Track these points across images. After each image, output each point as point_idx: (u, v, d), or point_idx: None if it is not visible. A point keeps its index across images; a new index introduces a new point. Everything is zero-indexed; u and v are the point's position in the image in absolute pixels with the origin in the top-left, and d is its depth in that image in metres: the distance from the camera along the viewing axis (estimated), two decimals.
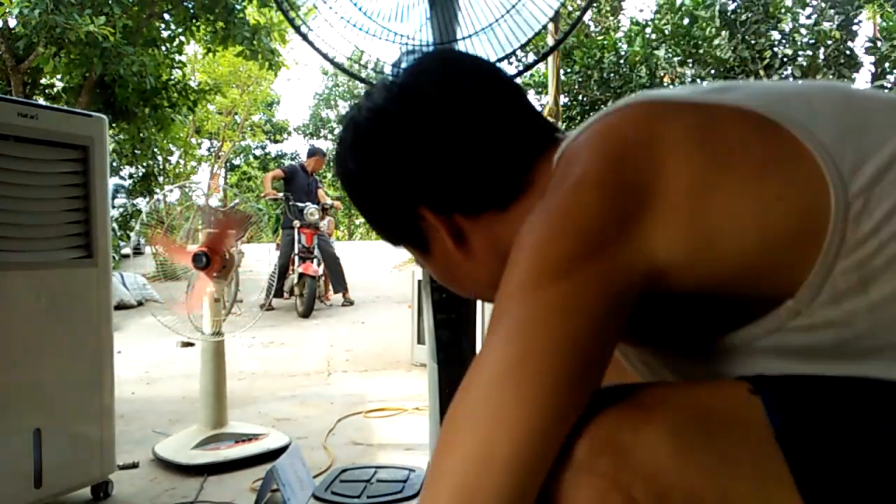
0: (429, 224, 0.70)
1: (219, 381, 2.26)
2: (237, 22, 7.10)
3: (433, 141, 0.68)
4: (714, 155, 0.53)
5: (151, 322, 2.38)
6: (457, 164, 0.67)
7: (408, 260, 10.69)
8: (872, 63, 6.22)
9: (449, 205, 0.69)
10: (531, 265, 0.55)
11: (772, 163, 0.53)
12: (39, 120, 1.66)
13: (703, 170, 0.53)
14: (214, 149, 18.17)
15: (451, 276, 0.75)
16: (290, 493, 1.72)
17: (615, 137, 0.57)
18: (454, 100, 0.68)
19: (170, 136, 8.56)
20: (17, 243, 1.64)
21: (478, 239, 0.70)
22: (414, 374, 3.51)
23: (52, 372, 1.68)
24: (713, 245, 0.53)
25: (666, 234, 0.53)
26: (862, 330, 0.52)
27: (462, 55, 0.75)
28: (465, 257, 0.71)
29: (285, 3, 1.48)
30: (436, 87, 0.69)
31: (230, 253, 2.20)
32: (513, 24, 1.51)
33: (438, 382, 1.41)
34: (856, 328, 0.52)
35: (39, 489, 1.62)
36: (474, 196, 0.68)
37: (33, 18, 5.50)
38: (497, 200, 0.67)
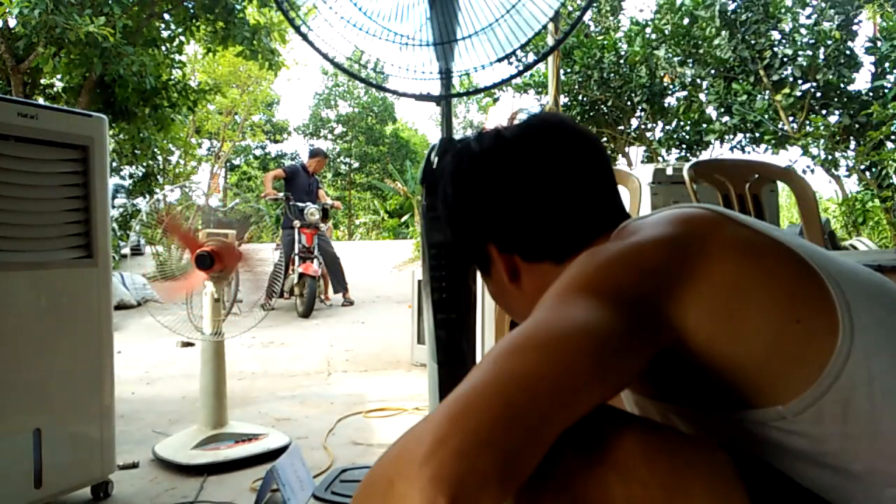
0: (492, 257, 0.82)
1: (219, 381, 2.26)
2: (237, 22, 7.09)
3: (518, 193, 0.78)
4: (756, 268, 0.62)
5: (151, 322, 2.37)
6: (532, 219, 0.78)
7: (408, 260, 10.69)
8: (872, 63, 6.22)
9: (513, 247, 0.80)
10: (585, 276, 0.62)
11: (800, 295, 0.61)
12: (39, 120, 1.66)
13: (744, 276, 0.61)
14: (214, 149, 18.17)
15: (502, 299, 0.87)
16: (290, 493, 1.72)
17: (681, 220, 0.67)
18: (549, 165, 0.78)
19: (170, 136, 8.56)
20: (17, 243, 1.64)
21: (529, 280, 0.80)
22: (414, 374, 3.51)
23: (52, 372, 1.68)
24: (733, 335, 0.60)
25: (699, 307, 0.60)
26: (829, 450, 0.59)
27: (576, 128, 0.82)
28: (516, 291, 0.81)
29: (285, 3, 1.48)
30: (537, 149, 0.79)
31: (239, 253, 2.19)
32: (513, 24, 1.50)
33: (438, 382, 1.41)
34: (824, 447, 0.59)
35: (39, 489, 1.62)
36: (538, 247, 0.78)
37: (33, 18, 5.49)
38: (556, 255, 0.77)
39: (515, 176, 0.78)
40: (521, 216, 0.78)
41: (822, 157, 6.23)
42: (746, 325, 0.59)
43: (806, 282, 0.61)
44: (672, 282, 0.61)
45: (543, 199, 0.77)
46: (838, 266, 0.64)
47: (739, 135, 7.16)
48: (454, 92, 1.61)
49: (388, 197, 24.32)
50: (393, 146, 26.25)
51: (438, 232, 1.45)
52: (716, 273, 0.61)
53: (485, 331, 3.18)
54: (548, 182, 0.77)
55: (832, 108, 6.45)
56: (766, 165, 2.16)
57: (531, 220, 0.78)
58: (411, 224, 19.96)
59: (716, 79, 7.01)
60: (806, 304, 0.60)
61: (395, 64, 1.53)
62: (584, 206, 0.77)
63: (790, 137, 6.46)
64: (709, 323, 0.60)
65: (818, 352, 0.58)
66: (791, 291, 0.61)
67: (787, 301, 0.60)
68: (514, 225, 0.79)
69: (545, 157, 0.78)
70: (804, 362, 0.58)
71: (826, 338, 0.58)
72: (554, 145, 0.79)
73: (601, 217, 0.77)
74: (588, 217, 0.77)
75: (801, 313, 0.59)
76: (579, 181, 0.78)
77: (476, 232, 0.82)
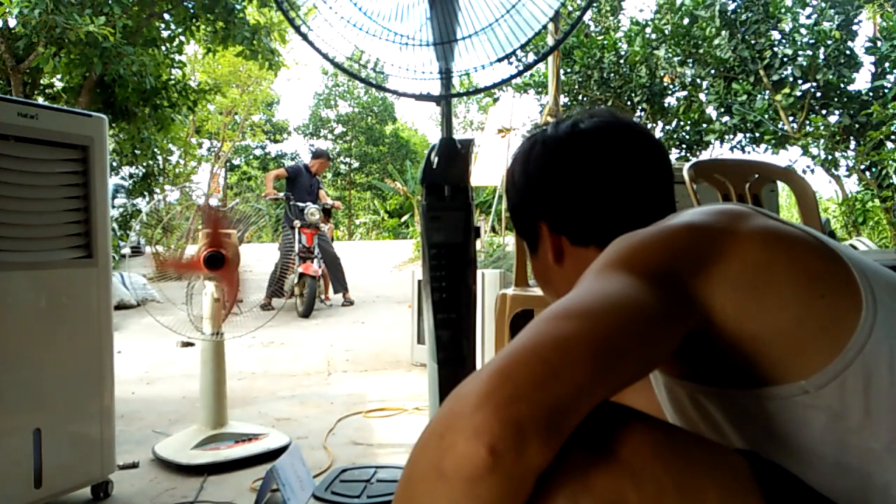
0: (542, 235, 0.88)
1: (219, 381, 2.26)
2: (237, 22, 7.09)
3: (582, 181, 0.84)
4: (783, 252, 0.65)
5: (151, 322, 2.37)
6: (589, 206, 0.84)
7: (408, 260, 10.69)
8: (872, 63, 6.21)
9: (563, 229, 0.86)
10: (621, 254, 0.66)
11: (826, 274, 0.64)
12: (39, 120, 1.66)
13: (770, 257, 0.64)
14: (214, 149, 18.17)
15: (544, 277, 0.92)
16: (290, 493, 1.72)
17: (715, 210, 0.70)
18: (616, 159, 0.84)
19: (170, 136, 8.54)
20: (17, 243, 1.64)
21: (571, 263, 0.86)
22: (414, 374, 3.51)
23: (52, 372, 1.68)
24: (758, 310, 0.62)
25: (726, 284, 0.63)
26: (850, 426, 0.60)
27: (645, 131, 0.88)
28: (558, 271, 0.88)
29: (285, 3, 1.48)
30: (608, 143, 0.85)
31: (234, 250, 2.19)
32: (513, 24, 1.50)
33: (438, 382, 1.41)
34: (846, 423, 0.60)
35: (39, 489, 1.63)
36: (587, 232, 0.85)
37: (33, 18, 5.49)
38: (603, 241, 0.78)
39: (583, 164, 0.84)
40: (578, 202, 0.84)
41: (822, 157, 6.23)
42: (771, 301, 0.62)
43: (830, 266, 0.64)
44: (702, 262, 0.64)
45: (604, 190, 0.83)
46: (860, 258, 0.67)
47: (739, 135, 7.16)
48: (454, 92, 1.61)
49: (388, 197, 24.32)
50: (393, 146, 26.24)
51: (438, 232, 1.45)
52: (743, 253, 0.64)
53: (485, 331, 3.18)
54: (612, 175, 0.83)
55: (832, 108, 6.45)
56: (766, 165, 2.16)
57: (587, 207, 0.84)
58: (411, 224, 19.95)
59: (716, 79, 7.01)
60: (830, 282, 0.63)
61: (395, 64, 1.53)
62: (639, 201, 0.83)
63: (790, 137, 6.46)
64: (735, 299, 0.62)
65: (842, 326, 0.60)
66: (816, 271, 0.64)
67: (812, 279, 0.63)
68: (570, 209, 0.85)
69: (614, 152, 0.84)
70: (828, 335, 0.60)
71: (850, 314, 0.61)
72: (623, 142, 0.85)
73: (653, 213, 0.80)
74: (641, 211, 0.81)
75: (825, 289, 0.62)
76: (640, 179, 0.84)
77: (533, 209, 0.89)
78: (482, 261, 5.59)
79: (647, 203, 0.83)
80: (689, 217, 0.70)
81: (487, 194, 12.85)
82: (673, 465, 0.54)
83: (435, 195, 1.45)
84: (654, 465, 0.54)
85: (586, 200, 0.84)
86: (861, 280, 0.63)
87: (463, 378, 0.55)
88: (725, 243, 0.65)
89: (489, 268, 4.47)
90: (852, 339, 0.60)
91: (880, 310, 0.61)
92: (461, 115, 25.69)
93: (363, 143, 26.29)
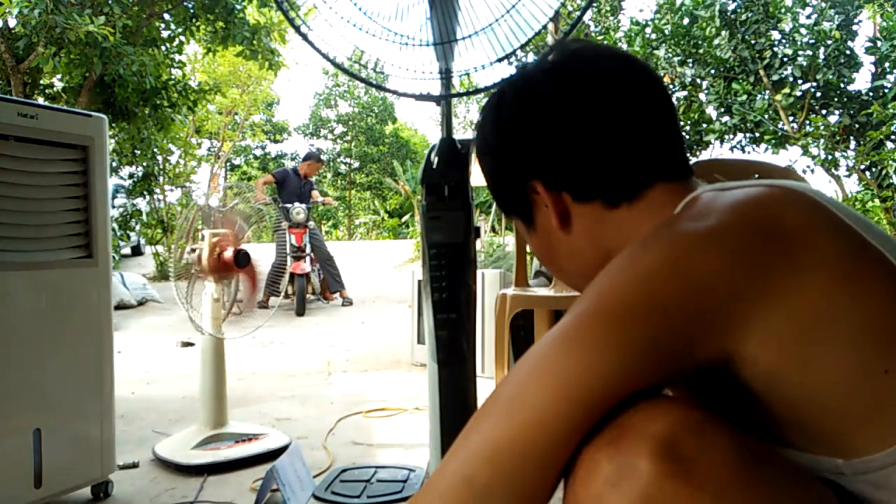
0: (538, 199, 0.72)
1: (219, 381, 2.26)
2: (237, 22, 7.09)
3: (570, 119, 0.68)
4: (852, 297, 0.50)
5: (151, 322, 2.38)
6: (584, 148, 0.68)
7: (408, 260, 10.68)
8: (872, 63, 6.21)
9: (563, 182, 0.70)
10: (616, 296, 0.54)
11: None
12: (39, 120, 1.66)
13: (832, 303, 0.50)
14: (214, 149, 18.15)
15: (547, 252, 0.77)
16: (290, 493, 1.72)
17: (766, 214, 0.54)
18: (603, 90, 0.68)
19: (170, 136, 8.54)
20: (18, 243, 1.64)
21: (579, 224, 0.71)
22: (414, 374, 3.51)
23: (52, 372, 1.68)
24: (802, 378, 0.50)
25: (766, 336, 0.50)
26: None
27: (633, 58, 0.73)
28: (565, 238, 0.73)
29: (285, 3, 1.48)
30: (590, 74, 0.70)
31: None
32: (513, 23, 1.50)
33: (438, 382, 1.41)
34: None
35: (39, 489, 1.62)
36: (589, 182, 0.69)
37: (33, 18, 5.48)
38: (609, 194, 0.69)
39: (569, 101, 0.69)
40: (573, 146, 0.68)
41: (822, 157, 6.22)
42: (822, 372, 0.49)
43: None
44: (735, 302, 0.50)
45: (600, 128, 0.68)
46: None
47: (739, 135, 7.16)
48: (454, 92, 1.61)
49: (388, 197, 24.32)
50: (393, 146, 26.24)
51: (438, 232, 1.44)
52: (800, 298, 0.50)
53: (485, 331, 3.18)
54: (605, 110, 0.68)
55: (832, 108, 6.45)
56: (766, 165, 2.16)
57: (584, 150, 0.68)
58: (411, 224, 19.95)
59: (716, 79, 7.01)
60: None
61: (395, 64, 1.53)
62: (642, 141, 0.68)
63: (790, 137, 6.46)
64: (774, 358, 0.50)
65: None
66: (887, 328, 0.49)
67: (879, 344, 0.49)
68: (565, 156, 0.69)
69: (603, 85, 0.69)
70: (883, 419, 0.49)
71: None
72: (613, 74, 0.70)
73: (660, 158, 0.68)
74: (646, 155, 0.68)
75: (890, 365, 0.48)
76: (640, 113, 0.69)
77: (521, 167, 0.73)
78: (482, 261, 5.59)
79: (651, 142, 0.69)
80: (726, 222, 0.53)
81: (487, 194, 12.84)
82: (755, 492, 0.47)
83: (435, 195, 1.45)
84: (734, 489, 0.46)
85: (581, 140, 0.68)
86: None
87: (463, 378, 0.55)
88: (776, 280, 0.50)
89: (489, 268, 4.47)
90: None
91: None
92: (461, 115, 25.65)
93: (363, 143, 26.29)
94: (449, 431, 1.38)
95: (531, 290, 2.45)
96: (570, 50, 0.72)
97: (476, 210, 1.68)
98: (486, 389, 0.89)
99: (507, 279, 3.22)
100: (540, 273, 2.97)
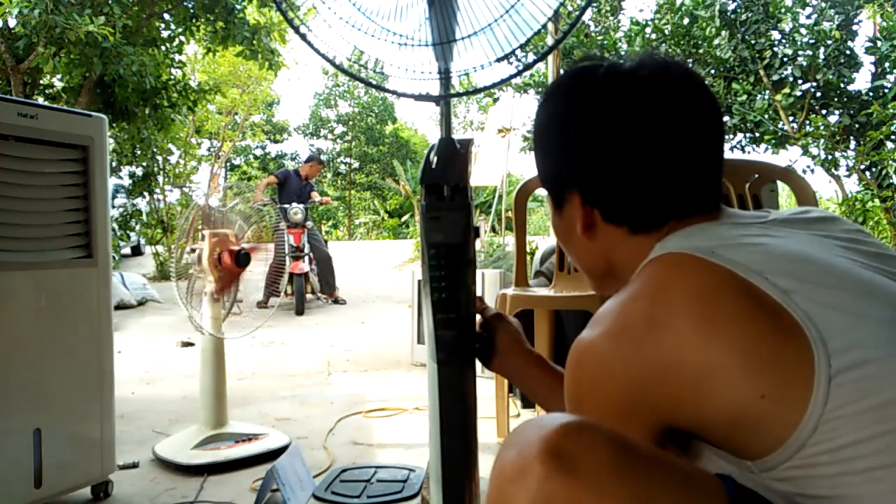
0: (572, 199, 0.80)
1: (219, 381, 2.26)
2: (237, 22, 7.09)
3: (631, 151, 0.73)
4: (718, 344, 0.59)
5: (151, 322, 2.38)
6: (633, 180, 0.74)
7: (408, 260, 10.69)
8: (872, 63, 6.21)
9: (598, 203, 0.78)
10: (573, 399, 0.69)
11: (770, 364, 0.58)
12: (39, 120, 1.66)
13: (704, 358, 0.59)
14: (214, 149, 18.16)
15: (564, 236, 0.86)
16: (290, 493, 1.72)
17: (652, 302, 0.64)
18: (670, 129, 0.73)
19: (170, 136, 8.54)
20: (17, 243, 1.64)
21: (599, 236, 0.80)
22: (414, 374, 3.51)
23: (52, 372, 1.68)
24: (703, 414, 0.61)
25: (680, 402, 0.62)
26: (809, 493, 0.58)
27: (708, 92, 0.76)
28: (584, 242, 0.81)
29: (284, 4, 1.48)
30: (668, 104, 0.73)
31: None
32: (512, 23, 1.50)
33: (438, 382, 1.41)
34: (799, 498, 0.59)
35: (39, 489, 1.63)
36: (623, 210, 0.77)
37: (33, 18, 5.49)
38: (636, 224, 0.76)
39: (637, 140, 0.73)
40: (622, 176, 0.74)
41: (822, 157, 6.22)
42: (716, 409, 0.60)
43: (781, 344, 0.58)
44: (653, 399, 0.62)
45: (652, 165, 0.73)
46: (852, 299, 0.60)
47: (739, 135, 7.16)
48: (454, 92, 1.61)
49: (388, 197, 24.32)
50: (393, 146, 26.24)
51: (438, 232, 1.44)
52: (683, 366, 0.60)
53: None
54: (665, 149, 0.73)
55: (832, 108, 6.45)
56: (766, 165, 2.16)
57: (632, 182, 0.74)
58: (411, 224, 19.96)
59: (716, 79, 7.01)
60: (776, 374, 0.57)
61: (395, 64, 1.52)
62: (687, 180, 0.74)
63: (790, 137, 6.46)
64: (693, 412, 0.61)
65: (785, 423, 0.57)
66: (757, 361, 0.58)
67: (753, 375, 0.57)
68: (613, 183, 0.75)
69: (672, 121, 0.73)
70: (769, 431, 0.58)
71: (794, 410, 0.56)
72: (686, 105, 0.74)
73: (697, 197, 0.74)
74: (686, 194, 0.74)
75: (766, 387, 0.57)
76: (694, 153, 0.74)
77: (567, 175, 0.80)
78: (482, 261, 5.58)
79: (694, 181, 0.74)
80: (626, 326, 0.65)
81: (487, 194, 12.85)
82: (632, 481, 0.55)
83: (434, 195, 1.45)
84: (611, 479, 0.54)
85: (630, 174, 0.74)
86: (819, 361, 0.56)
87: (463, 378, 0.56)
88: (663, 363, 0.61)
89: (489, 268, 4.47)
90: (791, 437, 0.56)
91: (832, 396, 0.55)
92: (461, 115, 25.70)
93: (363, 143, 26.29)
94: (449, 431, 1.38)
95: (531, 290, 2.45)
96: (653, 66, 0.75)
97: (476, 210, 1.68)
98: (486, 389, 0.91)
99: (507, 279, 3.22)
100: (540, 273, 2.97)
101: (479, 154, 7.64)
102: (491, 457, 0.68)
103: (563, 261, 2.50)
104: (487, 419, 2.24)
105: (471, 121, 25.03)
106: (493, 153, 7.47)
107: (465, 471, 1.39)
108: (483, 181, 8.03)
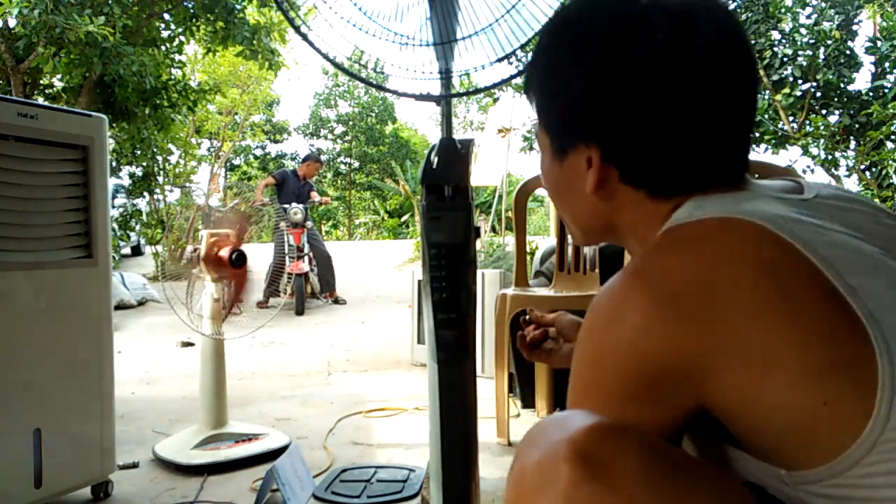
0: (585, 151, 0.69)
1: (219, 381, 2.26)
2: (237, 22, 7.09)
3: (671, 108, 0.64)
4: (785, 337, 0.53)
5: (151, 322, 2.38)
6: (663, 143, 0.65)
7: (408, 260, 10.69)
8: (872, 63, 6.21)
9: (619, 161, 0.68)
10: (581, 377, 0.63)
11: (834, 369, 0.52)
12: (39, 120, 1.66)
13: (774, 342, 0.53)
14: (214, 149, 18.15)
15: (557, 186, 0.76)
16: (290, 493, 1.72)
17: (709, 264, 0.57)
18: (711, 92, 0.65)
19: (170, 136, 8.53)
20: (17, 243, 1.64)
21: (610, 196, 0.70)
22: (414, 374, 3.51)
23: (52, 372, 1.68)
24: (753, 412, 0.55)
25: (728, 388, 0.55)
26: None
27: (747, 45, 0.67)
28: (585, 195, 0.71)
29: (285, 3, 1.48)
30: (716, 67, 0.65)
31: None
32: (513, 24, 1.50)
33: (438, 382, 1.41)
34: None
35: (39, 489, 1.63)
36: (647, 172, 0.67)
37: (33, 18, 5.48)
38: (656, 188, 0.68)
39: (678, 95, 0.64)
40: (657, 138, 0.65)
41: (822, 157, 6.22)
42: (769, 408, 0.54)
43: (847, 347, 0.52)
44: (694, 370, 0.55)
45: (689, 123, 0.64)
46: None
47: None
48: (454, 92, 1.61)
49: (388, 197, 24.32)
50: (393, 146, 26.26)
51: (438, 232, 1.44)
52: (744, 344, 0.53)
53: (485, 331, 3.18)
54: (707, 108, 0.65)
55: (832, 108, 6.44)
56: (766, 165, 2.16)
57: (662, 145, 0.65)
58: (411, 224, 19.96)
59: None
60: (841, 380, 0.51)
61: (395, 64, 1.53)
62: (716, 148, 0.66)
63: (790, 137, 6.46)
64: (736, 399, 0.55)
65: (840, 436, 0.52)
66: (825, 362, 0.52)
67: (817, 376, 0.52)
68: (643, 143, 0.66)
69: (718, 79, 0.65)
70: (816, 443, 0.53)
71: (852, 423, 0.51)
72: (732, 68, 0.66)
73: (723, 164, 0.67)
74: (714, 159, 0.66)
75: (830, 393, 0.51)
76: (727, 119, 0.66)
77: (586, 127, 0.68)
78: (482, 261, 5.58)
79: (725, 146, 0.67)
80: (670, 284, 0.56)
81: (488, 194, 12.85)
82: (663, 490, 0.52)
83: (435, 195, 1.45)
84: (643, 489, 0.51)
85: (668, 134, 0.65)
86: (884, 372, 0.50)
87: (463, 378, 0.56)
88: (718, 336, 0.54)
89: (489, 268, 4.47)
90: (846, 453, 0.51)
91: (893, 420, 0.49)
92: (461, 115, 25.70)
93: (363, 143, 26.31)
94: (449, 431, 1.38)
95: (531, 290, 2.45)
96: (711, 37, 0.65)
97: (476, 210, 1.68)
98: (486, 389, 0.90)
99: (507, 279, 3.22)
100: (540, 273, 2.97)
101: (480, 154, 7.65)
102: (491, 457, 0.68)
103: (564, 261, 2.50)
104: (487, 419, 2.24)
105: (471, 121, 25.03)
106: (494, 153, 7.48)
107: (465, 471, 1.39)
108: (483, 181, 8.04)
